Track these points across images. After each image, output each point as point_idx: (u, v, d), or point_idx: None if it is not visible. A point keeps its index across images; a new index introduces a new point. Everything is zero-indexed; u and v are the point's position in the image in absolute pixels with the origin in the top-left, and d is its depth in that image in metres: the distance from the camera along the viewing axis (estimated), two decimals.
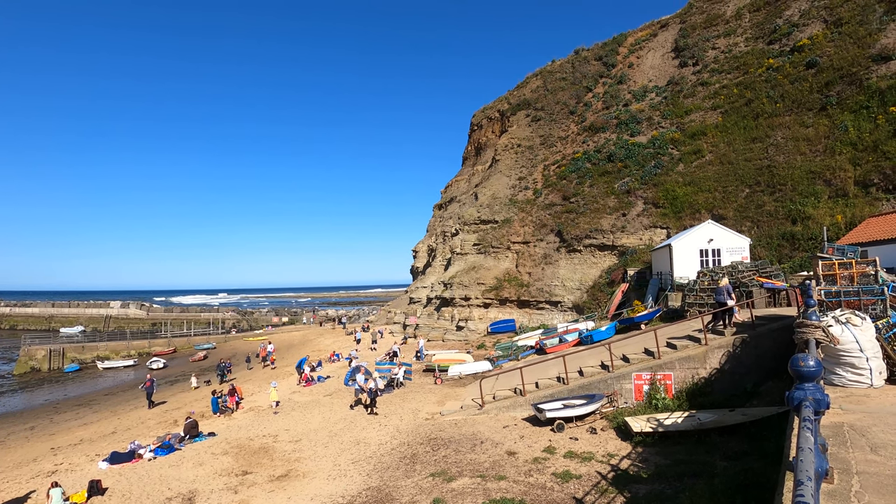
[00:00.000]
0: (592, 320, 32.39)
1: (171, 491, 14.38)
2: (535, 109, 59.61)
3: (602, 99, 54.39)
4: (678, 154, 41.22)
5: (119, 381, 42.11)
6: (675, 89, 47.78)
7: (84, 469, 17.33)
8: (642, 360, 18.40)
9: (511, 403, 19.17)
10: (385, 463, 15.23)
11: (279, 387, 26.63)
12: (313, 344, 50.93)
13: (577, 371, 19.84)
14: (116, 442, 20.99)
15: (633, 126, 47.48)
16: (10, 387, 41.11)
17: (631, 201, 40.53)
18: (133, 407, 30.22)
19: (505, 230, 47.07)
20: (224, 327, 73.94)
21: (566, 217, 43.60)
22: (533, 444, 15.34)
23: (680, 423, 14.55)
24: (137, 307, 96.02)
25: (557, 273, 41.37)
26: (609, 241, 39.62)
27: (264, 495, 13.63)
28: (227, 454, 17.56)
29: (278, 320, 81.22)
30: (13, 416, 31.02)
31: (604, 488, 11.79)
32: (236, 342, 58.48)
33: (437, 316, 48.08)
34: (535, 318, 40.65)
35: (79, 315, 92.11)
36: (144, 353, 54.08)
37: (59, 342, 55.32)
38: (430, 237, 65.84)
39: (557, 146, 53.79)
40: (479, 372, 27.25)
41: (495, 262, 46.21)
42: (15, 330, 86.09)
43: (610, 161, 45.69)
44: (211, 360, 48.00)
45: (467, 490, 12.42)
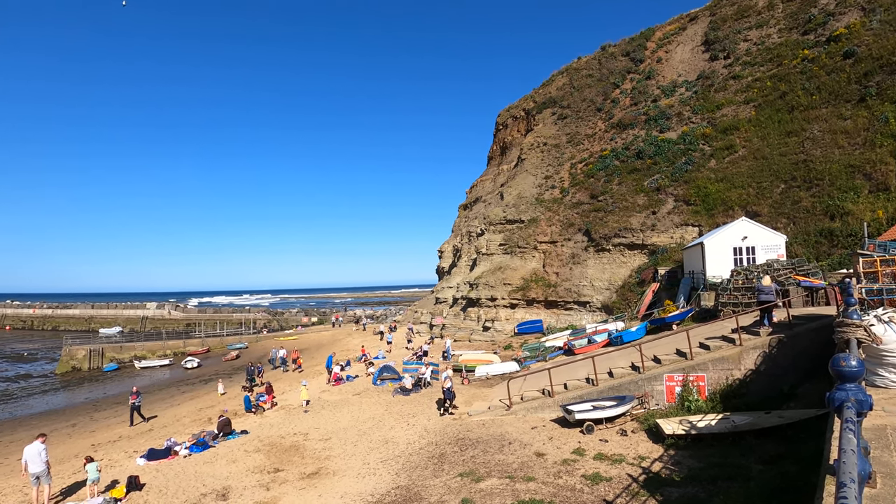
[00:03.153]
0: (622, 321, 31.93)
1: (205, 487, 14.75)
2: (562, 107, 59.06)
3: (630, 95, 53.53)
4: (710, 150, 40.27)
5: (155, 380, 43.42)
6: (706, 83, 46.69)
7: (123, 465, 17.92)
8: (674, 362, 18.06)
9: (539, 404, 19.04)
10: (413, 462, 15.31)
11: (309, 386, 27.01)
12: (342, 343, 51.54)
13: (606, 372, 19.58)
14: (153, 439, 21.64)
15: (663, 122, 46.61)
16: (52, 385, 42.81)
17: (661, 199, 39.78)
18: (169, 405, 31.12)
19: (531, 230, 46.76)
20: (255, 327, 75.45)
21: (594, 216, 43.05)
22: (562, 446, 15.21)
23: (713, 425, 14.24)
24: (173, 308, 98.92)
25: (586, 273, 40.88)
26: (639, 239, 38.95)
27: (295, 493, 13.86)
28: (259, 452, 17.92)
29: (307, 320, 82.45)
30: (56, 413, 32.27)
31: (635, 491, 11.61)
32: (267, 342, 59.55)
33: (463, 316, 48.07)
34: (563, 319, 40.26)
35: (117, 316, 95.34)
36: (179, 352, 55.60)
37: (98, 342, 57.34)
38: (456, 237, 65.87)
39: (584, 144, 53.18)
40: (507, 372, 27.16)
41: (522, 263, 45.95)
42: (57, 331, 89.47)
43: (639, 158, 44.93)
44: (243, 360, 49.06)
45: (496, 491, 12.39)
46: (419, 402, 23.48)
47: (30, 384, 43.13)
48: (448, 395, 20.83)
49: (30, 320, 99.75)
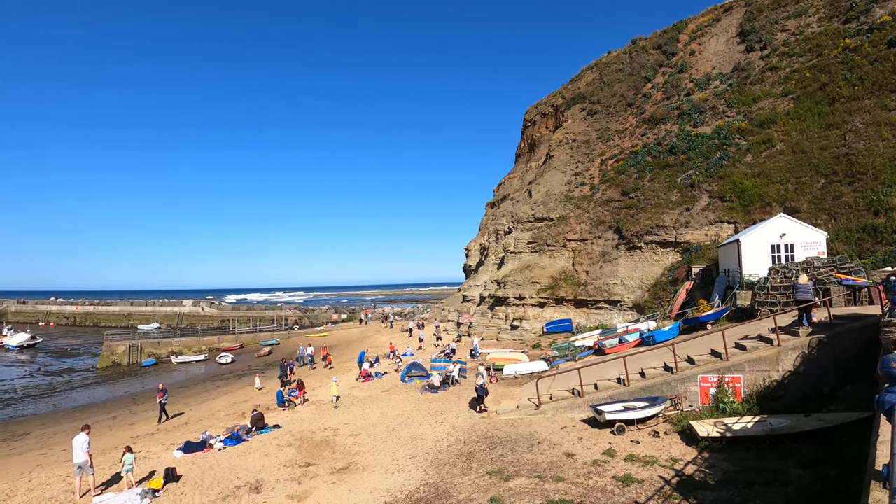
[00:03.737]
0: (654, 320, 31.31)
1: (239, 480, 15.10)
2: (591, 103, 58.19)
3: (662, 89, 52.38)
4: (746, 144, 39.08)
5: (191, 375, 44.70)
6: (742, 76, 45.32)
7: (160, 457, 18.49)
8: (709, 362, 17.63)
9: (569, 404, 18.84)
10: (442, 459, 15.35)
11: (338, 382, 27.36)
12: (370, 341, 52.07)
13: (638, 372, 19.24)
14: (189, 432, 22.25)
15: (696, 116, 45.45)
16: (94, 379, 44.52)
17: (695, 195, 38.82)
18: (204, 399, 31.97)
19: (560, 227, 46.24)
20: (287, 324, 76.84)
21: (625, 213, 42.30)
22: (592, 447, 15.03)
23: (750, 428, 13.85)
24: (207, 305, 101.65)
25: (617, 271, 40.23)
26: (672, 237, 38.10)
27: (326, 487, 14.06)
28: (291, 446, 18.25)
29: (337, 317, 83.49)
30: (97, 406, 33.55)
31: (667, 493, 11.39)
32: (298, 338, 60.58)
33: (490, 315, 47.93)
34: (593, 318, 39.71)
35: (154, 313, 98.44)
36: (214, 348, 57.08)
37: (137, 338, 59.27)
38: (483, 235, 65.69)
39: (615, 140, 52.29)
40: (535, 372, 26.98)
41: (551, 261, 45.51)
42: (98, 327, 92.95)
43: (672, 153, 43.93)
44: (275, 356, 50.04)
45: (525, 490, 12.32)
46: (447, 399, 23.53)
47: (73, 378, 44.95)
48: (481, 392, 20.83)
49: (72, 317, 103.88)
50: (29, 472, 18.04)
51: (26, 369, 49.66)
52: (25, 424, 28.94)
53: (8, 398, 36.52)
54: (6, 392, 38.70)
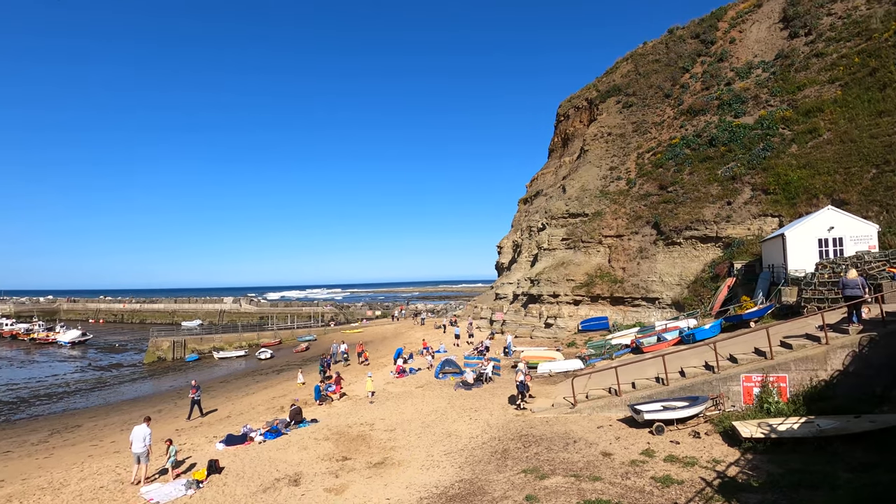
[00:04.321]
0: (694, 318, 30.50)
1: (278, 472, 15.48)
2: (627, 95, 56.94)
3: (701, 79, 50.82)
4: (790, 134, 37.56)
5: (232, 370, 46.06)
6: (785, 63, 43.55)
7: (204, 449, 19.11)
8: (752, 361, 17.07)
9: (605, 403, 18.56)
10: (476, 456, 15.36)
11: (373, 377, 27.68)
12: (404, 337, 52.45)
13: (677, 371, 18.79)
14: (231, 425, 22.92)
15: (738, 106, 43.93)
16: (140, 374, 46.43)
17: (737, 188, 37.55)
18: (245, 394, 32.87)
19: (596, 223, 45.48)
20: (323, 320, 78.29)
21: (664, 208, 41.27)
22: (630, 446, 14.76)
23: (796, 429, 13.35)
24: (247, 302, 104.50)
25: (655, 268, 39.31)
26: (712, 232, 36.96)
27: (363, 481, 14.27)
28: (328, 440, 18.58)
29: (371, 314, 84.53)
30: (144, 399, 34.93)
31: (709, 495, 11.09)
32: (334, 334, 61.65)
33: (524, 312, 47.60)
34: (630, 316, 38.95)
35: (197, 310, 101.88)
36: (253, 344, 58.71)
37: (180, 334, 61.47)
38: (515, 232, 65.25)
39: (652, 132, 51.05)
40: (570, 370, 26.70)
41: (586, 258, 44.85)
42: (144, 323, 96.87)
43: (712, 145, 42.59)
44: (312, 352, 51.07)
45: (560, 489, 12.21)
46: (481, 396, 23.53)
47: (121, 373, 46.99)
48: (521, 388, 20.76)
49: (120, 314, 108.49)
50: (81, 462, 18.93)
51: (77, 364, 52.14)
52: (77, 417, 30.39)
53: (61, 392, 38.45)
54: (59, 386, 40.74)
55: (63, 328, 77.28)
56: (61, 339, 69.15)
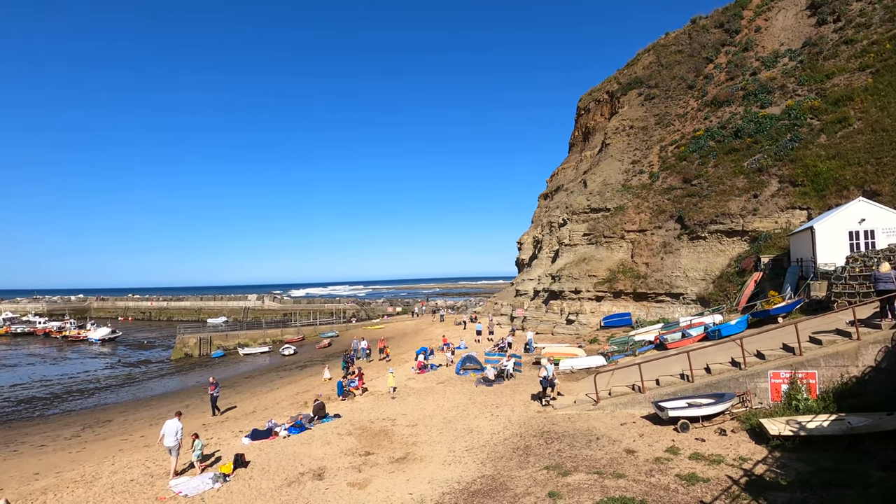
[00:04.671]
0: (720, 313, 29.94)
1: (303, 466, 15.69)
2: (649, 87, 56.02)
3: (725, 70, 49.71)
4: (819, 124, 36.51)
5: (257, 366, 46.83)
6: (813, 51, 42.30)
7: (230, 443, 19.46)
8: (780, 357, 16.69)
9: (629, 400, 18.35)
10: (498, 452, 15.35)
11: (395, 373, 27.84)
12: (424, 333, 52.64)
13: (703, 368, 18.46)
14: (256, 420, 23.30)
15: (763, 96, 42.87)
16: (168, 370, 47.51)
17: (763, 180, 36.68)
18: (269, 389, 33.39)
19: (618, 218, 44.91)
20: (345, 317, 78.99)
21: (688, 201, 40.53)
22: (654, 444, 14.58)
23: (826, 426, 13.02)
24: (270, 299, 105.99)
25: (679, 263, 38.66)
26: (738, 225, 36.18)
27: (385, 475, 14.38)
28: (351, 435, 18.77)
29: (392, 310, 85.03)
30: (172, 395, 35.73)
31: (735, 494, 10.89)
32: (356, 330, 62.17)
33: (545, 309, 47.31)
34: (654, 312, 38.39)
35: (222, 307, 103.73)
36: (277, 340, 59.57)
37: (206, 331, 62.70)
38: (536, 228, 64.83)
39: (675, 125, 50.14)
40: (593, 366, 26.48)
41: (608, 253, 44.34)
42: (171, 321, 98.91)
43: (737, 137, 41.66)
44: (334, 348, 51.59)
45: (583, 486, 12.12)
46: (502, 393, 23.49)
47: (149, 369, 48.15)
48: (545, 384, 20.65)
49: (148, 311, 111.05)
50: (112, 455, 19.45)
51: (108, 361, 53.61)
52: (108, 412, 31.25)
53: (92, 387, 39.56)
54: (90, 382, 41.92)
55: (94, 326, 79.45)
56: (92, 337, 71.12)
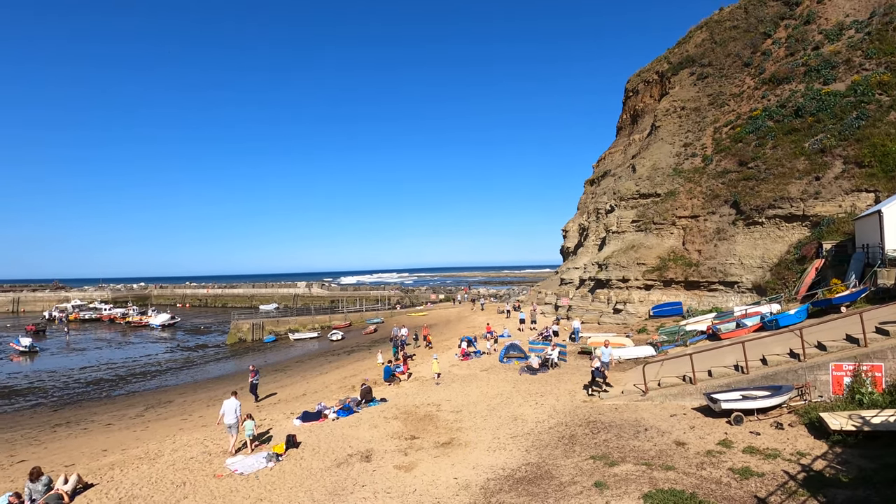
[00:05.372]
0: (777, 303, 28.62)
1: (351, 448, 16.16)
2: (701, 66, 53.55)
3: (784, 45, 46.91)
4: (888, 100, 33.98)
5: (307, 351, 48.40)
6: (883, 22, 39.22)
7: (282, 424, 20.24)
8: (843, 349, 15.86)
9: (679, 391, 17.89)
10: (543, 441, 15.32)
11: (438, 360, 28.12)
12: (467, 321, 52.82)
13: (758, 359, 17.77)
14: (306, 403, 24.10)
15: (827, 72, 40.23)
16: (223, 354, 49.74)
17: (826, 162, 34.58)
18: (318, 373, 34.43)
19: (669, 204, 43.43)
20: (390, 303, 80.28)
21: (744, 185, 38.72)
22: (705, 436, 14.18)
23: (893, 421, 12.31)
24: (318, 286, 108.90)
25: (733, 250, 37.08)
26: (798, 210, 34.32)
27: (430, 459, 14.62)
28: (397, 419, 19.15)
29: (435, 297, 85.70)
30: (227, 377, 37.36)
31: (792, 489, 10.48)
32: (400, 317, 63.14)
33: (591, 298, 46.48)
34: (706, 301, 37.05)
35: (273, 294, 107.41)
36: (325, 326, 61.36)
37: (259, 317, 65.09)
38: (582, 215, 63.55)
39: (730, 105, 47.83)
40: (641, 357, 25.94)
41: (658, 240, 43.03)
42: (225, 307, 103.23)
43: (797, 116, 39.36)
44: (380, 334, 52.56)
45: (631, 476, 11.95)
46: (547, 382, 23.36)
47: (206, 353, 50.52)
48: (597, 374, 20.43)
49: (204, 299, 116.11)
50: (173, 434, 20.57)
51: (168, 345, 56.52)
52: (169, 393, 33.02)
53: (154, 370, 41.87)
54: (152, 365, 44.36)
55: (154, 312, 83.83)
56: (153, 323, 75.04)
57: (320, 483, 13.49)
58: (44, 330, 69.62)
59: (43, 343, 58.50)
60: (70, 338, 64.78)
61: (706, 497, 10.58)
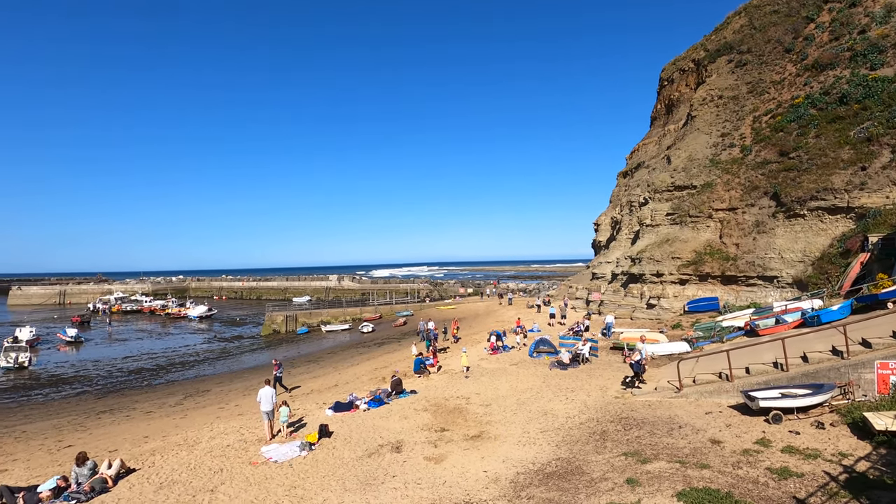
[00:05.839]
0: (820, 298, 27.61)
1: (381, 439, 16.39)
2: (740, 53, 51.75)
3: (828, 29, 44.88)
4: None
5: (338, 342, 49.19)
6: None
7: (315, 414, 20.66)
8: (890, 346, 15.25)
9: (715, 389, 17.48)
10: (574, 436, 15.21)
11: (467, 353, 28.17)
12: (496, 315, 52.73)
13: (799, 356, 17.21)
14: (338, 393, 24.53)
15: (874, 57, 38.31)
16: (258, 345, 50.99)
17: (873, 151, 33.03)
18: (350, 365, 34.96)
19: (705, 196, 42.26)
20: (419, 296, 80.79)
21: (784, 176, 37.36)
22: (742, 435, 13.83)
23: None
24: (349, 279, 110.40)
25: (773, 243, 35.87)
26: (843, 201, 32.92)
27: (460, 452, 14.71)
28: (427, 411, 19.31)
29: (464, 291, 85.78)
30: (262, 368, 38.28)
31: (833, 491, 10.14)
32: (429, 310, 63.53)
33: (623, 292, 45.73)
34: (744, 296, 35.97)
35: (306, 287, 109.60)
36: (356, 318, 62.26)
37: (292, 309, 66.52)
38: (614, 208, 62.46)
39: (770, 92, 46.12)
40: (675, 353, 25.41)
41: (693, 234, 41.97)
42: (260, 300, 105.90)
43: (842, 103, 37.68)
44: (409, 327, 52.96)
45: (664, 474, 11.76)
46: (577, 377, 23.15)
47: (241, 344, 51.89)
48: (636, 368, 20.18)
49: (240, 291, 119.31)
50: (210, 423, 21.23)
51: (205, 336, 58.26)
52: (206, 382, 34.07)
53: (192, 360, 43.25)
54: (191, 355, 45.83)
55: (192, 304, 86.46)
56: (191, 314, 77.40)
57: (352, 472, 13.73)
58: (88, 321, 72.67)
59: (87, 334, 61.05)
60: (113, 329, 67.47)
61: (742, 497, 10.33)
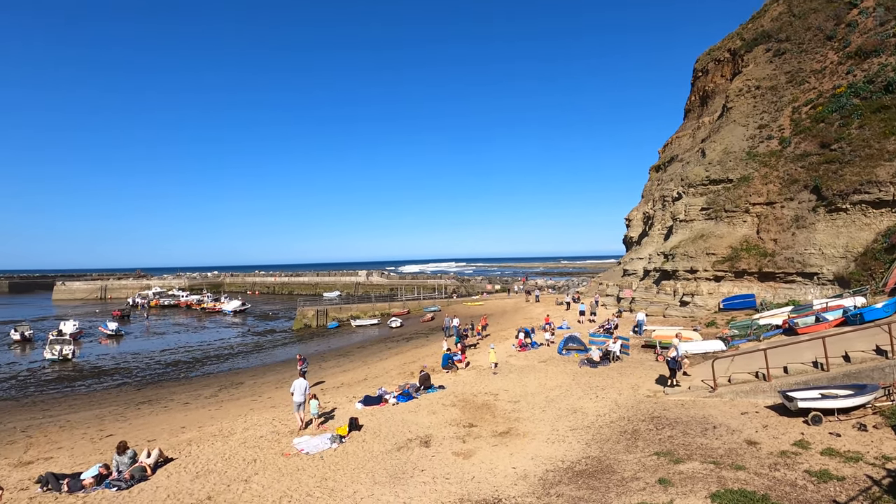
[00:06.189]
0: (863, 295, 26.53)
1: (410, 433, 16.51)
2: (778, 41, 49.91)
3: (872, 14, 42.81)
4: None
5: (367, 337, 49.77)
6: None
7: (345, 407, 20.94)
8: None
9: (751, 388, 16.98)
10: (604, 435, 15.02)
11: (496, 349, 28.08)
12: (524, 311, 52.43)
13: (840, 356, 16.57)
14: (367, 387, 24.80)
15: None
16: (290, 339, 52.05)
17: None
18: (379, 359, 35.31)
19: (742, 190, 41.00)
20: (446, 292, 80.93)
21: (825, 169, 35.93)
22: (779, 436, 13.41)
23: None
24: (378, 275, 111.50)
25: (813, 238, 34.58)
26: (888, 194, 31.48)
27: (488, 448, 14.70)
28: (455, 406, 19.36)
29: (491, 287, 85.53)
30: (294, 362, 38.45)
31: (876, 496, 9.74)
32: (456, 306, 63.63)
33: (655, 289, 44.83)
34: (783, 294, 34.82)
35: (335, 282, 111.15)
36: (385, 313, 62.93)
37: (323, 304, 67.45)
38: (646, 203, 61.21)
39: (811, 82, 44.37)
40: (710, 351, 24.82)
41: (729, 229, 40.80)
42: (292, 295, 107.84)
43: (888, 92, 35.94)
44: (437, 322, 53.14)
45: (698, 475, 11.50)
46: (608, 375, 22.84)
47: (274, 338, 52.99)
48: (673, 365, 19.84)
49: (272, 286, 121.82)
50: (244, 414, 21.75)
51: (239, 330, 59.69)
52: (240, 375, 34.91)
53: (227, 353, 44.37)
54: (225, 348, 47.01)
55: (226, 299, 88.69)
56: (225, 309, 79.45)
57: (381, 466, 13.88)
58: (128, 315, 75.24)
59: (127, 327, 63.28)
60: (151, 322, 69.74)
61: (779, 499, 10.02)
